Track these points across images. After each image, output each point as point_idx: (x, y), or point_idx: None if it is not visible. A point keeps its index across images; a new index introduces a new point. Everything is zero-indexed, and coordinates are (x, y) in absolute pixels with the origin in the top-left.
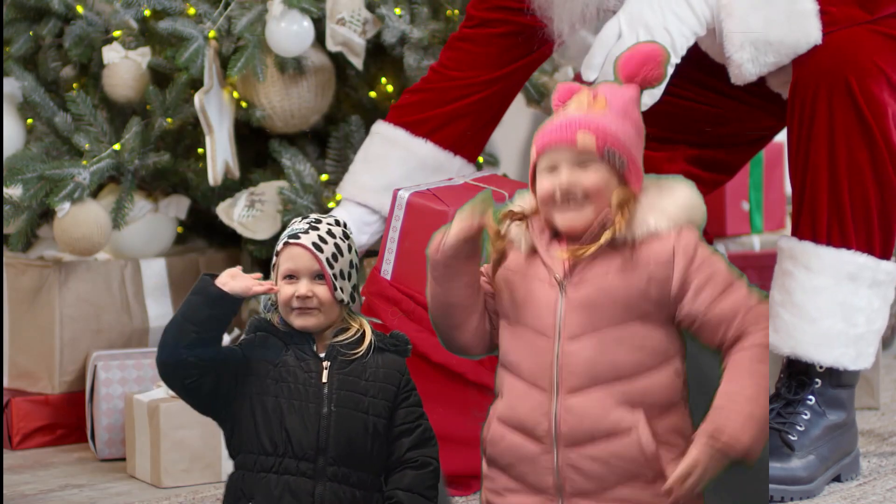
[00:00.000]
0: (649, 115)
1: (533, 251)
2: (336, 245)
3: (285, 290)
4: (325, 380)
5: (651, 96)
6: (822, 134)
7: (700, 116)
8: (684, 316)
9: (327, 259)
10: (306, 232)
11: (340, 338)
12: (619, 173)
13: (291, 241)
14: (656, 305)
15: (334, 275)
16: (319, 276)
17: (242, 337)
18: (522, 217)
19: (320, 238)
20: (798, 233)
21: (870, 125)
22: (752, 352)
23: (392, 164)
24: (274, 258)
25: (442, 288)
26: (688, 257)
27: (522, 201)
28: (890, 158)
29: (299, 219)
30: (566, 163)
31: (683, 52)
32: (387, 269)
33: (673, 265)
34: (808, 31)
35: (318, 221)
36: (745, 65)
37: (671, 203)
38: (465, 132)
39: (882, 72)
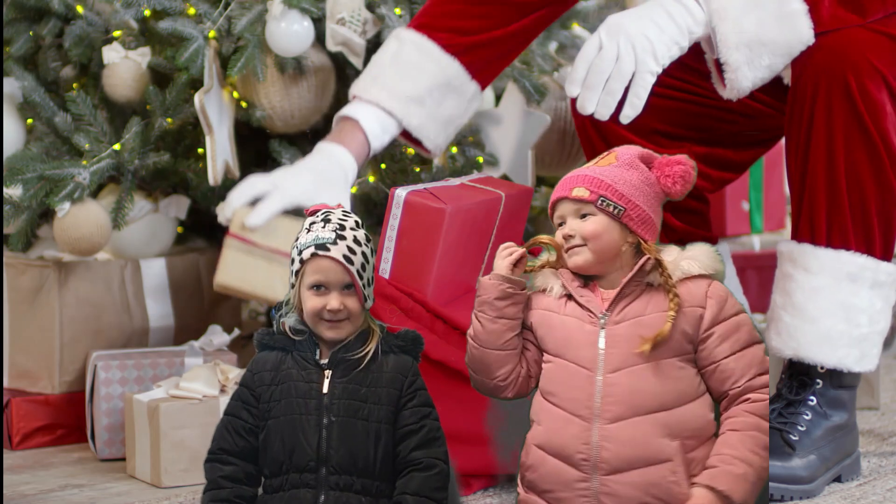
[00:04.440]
0: (659, 111)
1: (566, 296)
2: (363, 254)
3: (315, 301)
4: (325, 390)
5: (633, 107)
6: (821, 135)
7: (710, 113)
8: (702, 358)
9: (357, 271)
10: (335, 242)
11: (344, 342)
12: (618, 219)
13: (321, 252)
14: (689, 341)
15: (363, 284)
16: (349, 286)
17: (244, 373)
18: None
19: (349, 249)
20: (797, 235)
21: (868, 126)
22: (752, 419)
23: (424, 77)
24: (298, 265)
25: (486, 332)
26: (720, 305)
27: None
28: (889, 159)
29: (319, 220)
30: (569, 215)
31: (666, 61)
32: (385, 268)
33: (705, 307)
34: (799, 30)
35: (342, 227)
36: (742, 68)
37: (699, 253)
38: (491, 61)
39: (878, 71)
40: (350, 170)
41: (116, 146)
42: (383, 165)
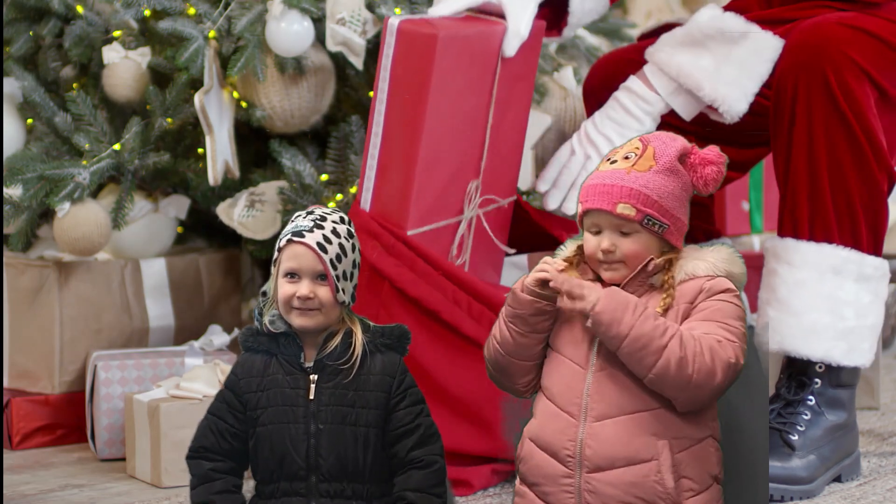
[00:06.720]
0: None
1: None
2: (340, 245)
3: (286, 288)
4: (312, 396)
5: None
6: (802, 132)
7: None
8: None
9: (331, 260)
10: (311, 230)
11: (329, 346)
12: (659, 236)
13: (295, 238)
14: None
15: (337, 276)
16: (322, 277)
17: (228, 375)
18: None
19: (325, 238)
20: (781, 231)
21: (850, 121)
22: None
23: None
24: (276, 253)
25: (515, 345)
26: (711, 294)
27: (569, 249)
28: (872, 153)
29: (303, 214)
30: (608, 228)
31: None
32: (366, 199)
33: (695, 301)
34: (762, 42)
35: (323, 219)
36: (732, 94)
37: (712, 255)
38: None
39: (859, 66)
40: None
41: (116, 146)
42: None
